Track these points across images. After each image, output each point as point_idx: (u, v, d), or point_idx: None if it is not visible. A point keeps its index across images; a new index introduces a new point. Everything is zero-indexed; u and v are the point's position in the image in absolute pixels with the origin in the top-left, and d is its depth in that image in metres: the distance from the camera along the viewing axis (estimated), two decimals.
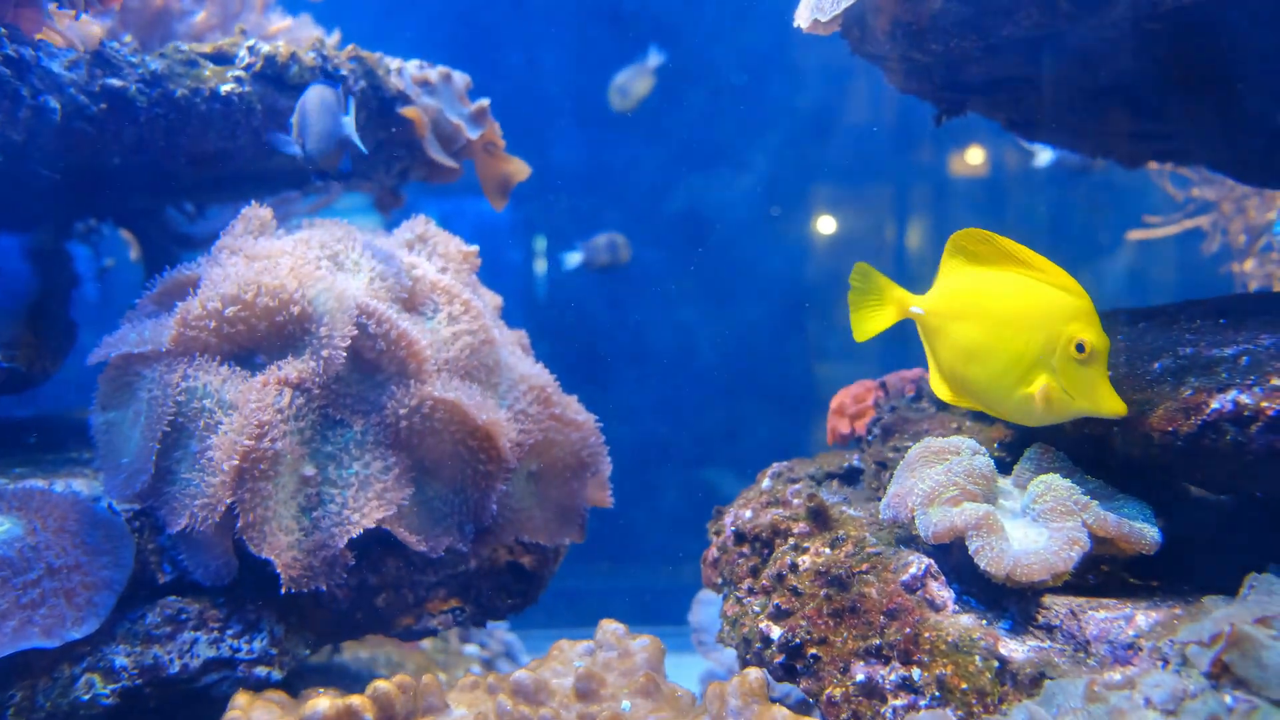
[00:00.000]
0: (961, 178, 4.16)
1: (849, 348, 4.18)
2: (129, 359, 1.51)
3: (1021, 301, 1.22)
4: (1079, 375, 1.17)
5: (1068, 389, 1.18)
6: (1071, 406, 1.19)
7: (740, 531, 1.50)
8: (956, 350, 1.31)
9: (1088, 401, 1.18)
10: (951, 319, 1.31)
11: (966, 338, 1.28)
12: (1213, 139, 1.68)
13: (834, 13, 1.41)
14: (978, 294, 1.28)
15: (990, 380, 1.26)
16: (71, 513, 1.43)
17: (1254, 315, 1.26)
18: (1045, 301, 1.20)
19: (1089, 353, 1.16)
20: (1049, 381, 1.19)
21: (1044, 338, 1.19)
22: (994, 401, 1.28)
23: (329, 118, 1.58)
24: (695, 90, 4.31)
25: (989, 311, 1.26)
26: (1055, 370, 1.19)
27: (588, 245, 3.87)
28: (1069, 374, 1.18)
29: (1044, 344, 1.19)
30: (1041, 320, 1.20)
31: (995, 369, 1.25)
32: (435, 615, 1.66)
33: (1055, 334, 1.19)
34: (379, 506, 1.47)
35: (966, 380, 1.30)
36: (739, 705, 1.15)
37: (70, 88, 1.59)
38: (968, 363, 1.29)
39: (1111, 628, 1.07)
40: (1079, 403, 1.18)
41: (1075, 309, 1.18)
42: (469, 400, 1.55)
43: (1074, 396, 1.18)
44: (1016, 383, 1.22)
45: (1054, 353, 1.19)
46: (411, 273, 1.66)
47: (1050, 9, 1.28)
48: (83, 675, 1.36)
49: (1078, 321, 1.18)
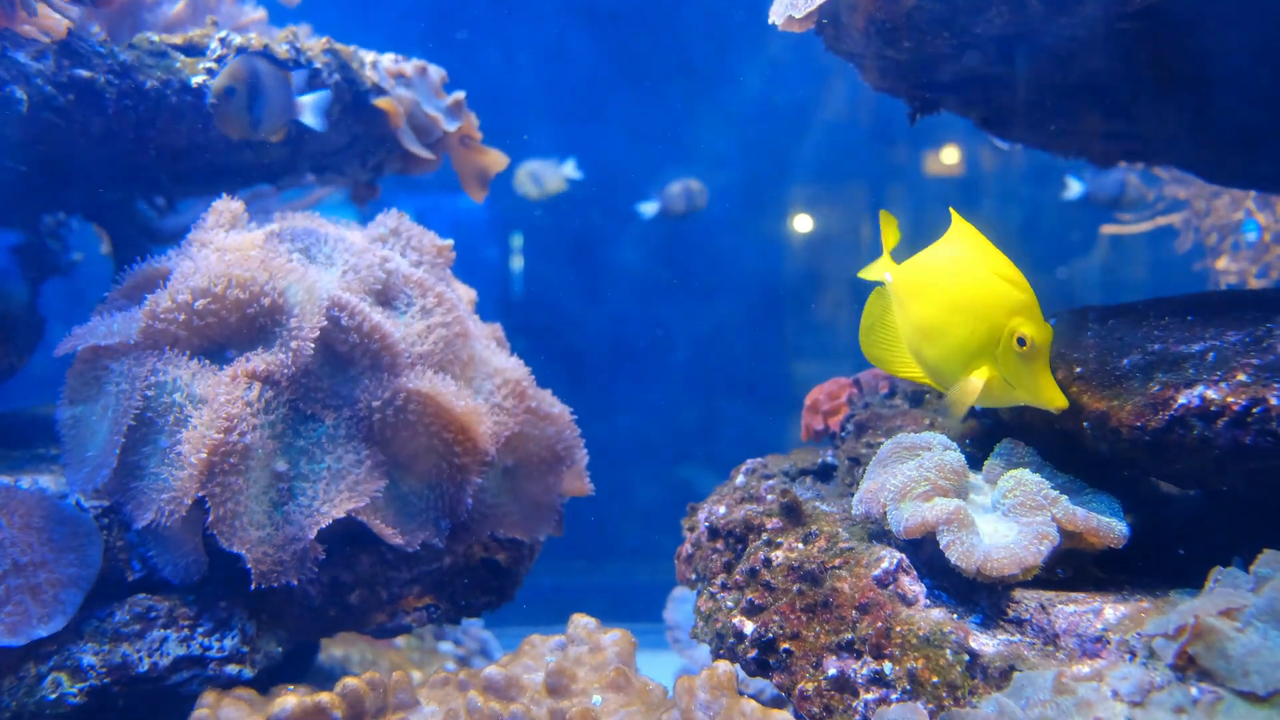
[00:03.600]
0: (937, 176, 4.19)
1: (824, 345, 4.21)
2: (97, 352, 1.49)
3: (969, 290, 1.25)
4: (1019, 367, 1.20)
5: (1009, 379, 1.21)
6: (1012, 395, 1.23)
7: (714, 527, 1.50)
8: (913, 325, 1.34)
9: (1027, 393, 1.21)
10: (912, 294, 1.34)
11: (922, 315, 1.32)
12: (1181, 138, 1.70)
13: (808, 9, 1.42)
14: (936, 274, 1.31)
15: (940, 360, 1.30)
16: (38, 509, 1.41)
17: (1221, 312, 1.27)
18: (989, 293, 1.23)
19: (1029, 346, 1.19)
20: (990, 370, 1.22)
21: (987, 328, 1.22)
22: (944, 379, 1.31)
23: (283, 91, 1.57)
24: (671, 87, 4.31)
25: (942, 293, 1.29)
26: (997, 360, 1.22)
27: (663, 193, 3.80)
28: (1010, 365, 1.21)
29: (987, 334, 1.22)
30: (985, 310, 1.23)
31: (944, 350, 1.28)
32: (409, 613, 1.65)
33: (997, 326, 1.21)
34: (350, 498, 1.46)
35: (920, 355, 1.34)
36: (708, 699, 1.15)
37: (37, 78, 1.57)
38: (922, 339, 1.32)
39: (1080, 621, 1.08)
40: (1019, 393, 1.22)
41: (1017, 303, 1.21)
42: (444, 391, 1.54)
43: (1014, 386, 1.21)
44: (962, 367, 1.26)
45: (997, 343, 1.21)
46: (385, 266, 1.65)
47: (1021, 8, 1.29)
48: (49, 674, 1.34)
49: (1019, 315, 1.20)
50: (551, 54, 4.23)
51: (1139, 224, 3.47)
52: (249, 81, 1.62)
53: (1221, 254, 3.24)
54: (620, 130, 4.23)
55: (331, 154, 2.19)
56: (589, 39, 4.22)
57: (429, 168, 2.24)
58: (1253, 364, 1.10)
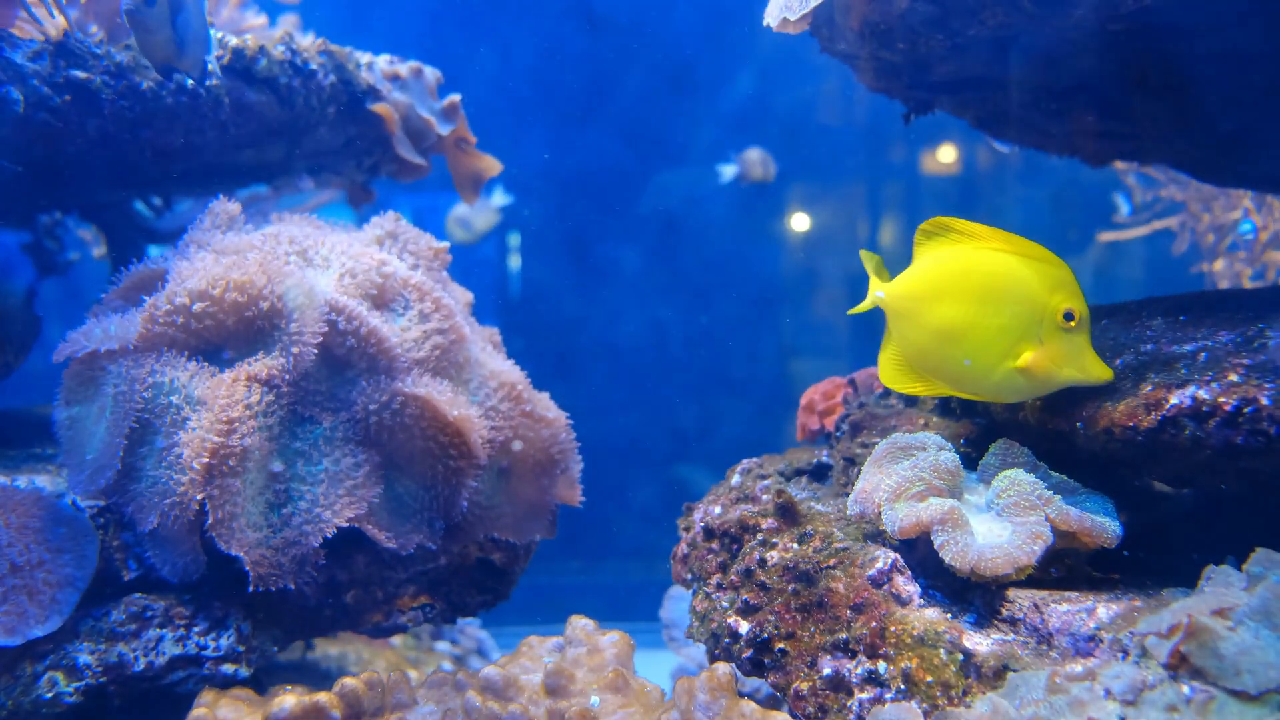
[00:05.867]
0: (933, 175, 4.20)
1: (820, 345, 4.21)
2: (95, 355, 1.49)
3: (1003, 277, 1.23)
4: (1067, 344, 1.19)
5: (1055, 359, 1.20)
6: (1059, 376, 1.21)
7: (709, 527, 1.51)
8: (929, 332, 1.30)
9: (1076, 369, 1.19)
10: (922, 302, 1.31)
11: (942, 318, 1.28)
12: (1173, 139, 1.71)
13: (803, 11, 1.42)
14: (953, 274, 1.28)
15: (972, 358, 1.26)
16: (34, 509, 1.41)
17: (1213, 312, 1.28)
18: (1028, 274, 1.22)
19: (1078, 320, 1.18)
20: (1035, 353, 1.21)
21: (1028, 309, 1.21)
22: (972, 381, 1.28)
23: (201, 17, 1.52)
24: (667, 87, 4.31)
25: (967, 289, 1.26)
26: (1041, 341, 1.20)
27: (741, 158, 3.79)
28: (1056, 344, 1.19)
29: (1028, 316, 1.21)
30: (1025, 292, 1.21)
31: (976, 346, 1.25)
32: (405, 612, 1.66)
33: (1041, 305, 1.20)
34: (350, 504, 1.47)
35: (942, 361, 1.30)
36: (707, 700, 1.16)
37: (33, 79, 1.57)
38: (944, 344, 1.29)
39: (1074, 620, 1.09)
40: (1066, 371, 1.20)
41: (1058, 279, 1.20)
42: (439, 396, 1.55)
43: (1061, 366, 1.20)
44: (1000, 358, 1.23)
45: (1040, 323, 1.20)
46: (381, 269, 1.65)
47: (1014, 9, 1.30)
48: (45, 673, 1.35)
49: (1062, 290, 1.20)
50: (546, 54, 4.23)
51: (1136, 228, 3.48)
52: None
53: (1219, 256, 3.25)
54: (615, 131, 4.23)
55: (327, 155, 2.19)
56: (584, 39, 4.23)
57: (421, 174, 2.24)
58: (1244, 364, 1.11)
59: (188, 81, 1.72)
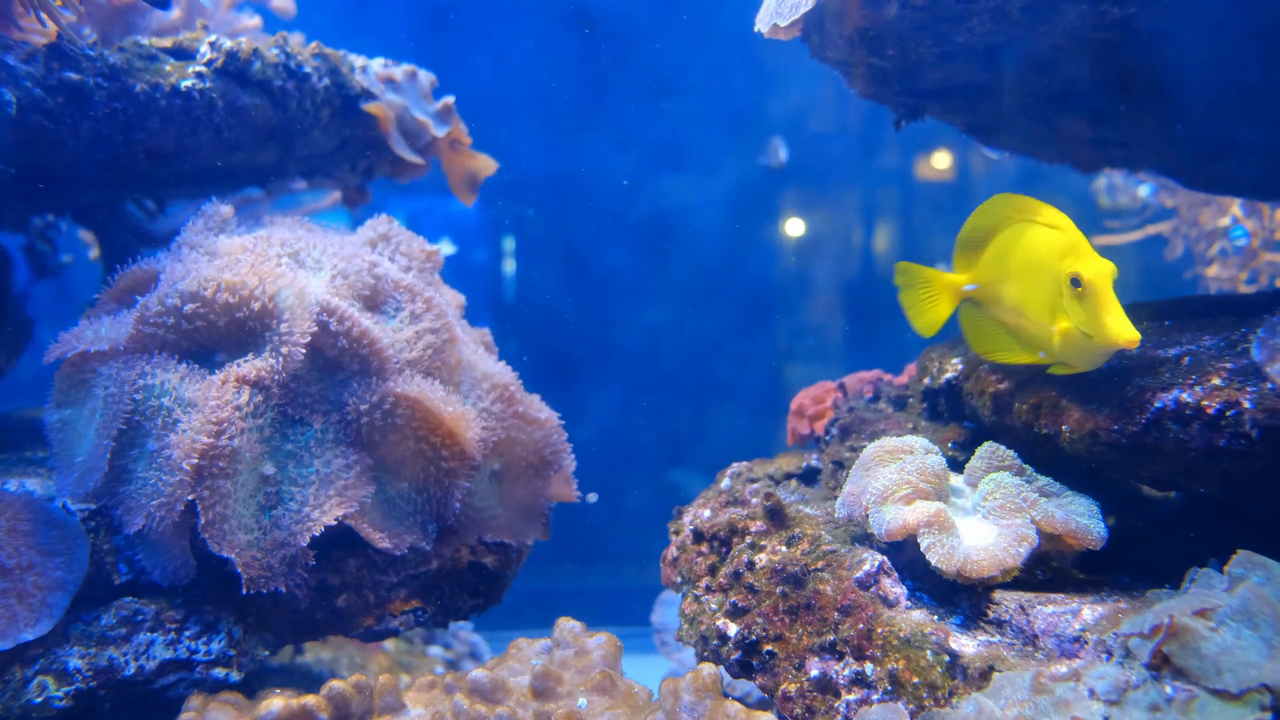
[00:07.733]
0: (928, 181, 4.21)
1: (812, 350, 4.22)
2: (85, 356, 1.50)
3: (1026, 252, 1.24)
4: (1084, 310, 1.17)
5: (1081, 326, 1.18)
6: (1081, 342, 1.18)
7: (699, 530, 1.51)
8: (1007, 312, 1.32)
9: (1096, 335, 1.16)
10: (992, 286, 1.33)
11: (1007, 297, 1.30)
12: (1161, 145, 1.72)
13: (792, 17, 1.43)
14: (1003, 255, 1.30)
15: (1033, 331, 1.27)
16: (25, 512, 1.41)
17: (1197, 317, 1.29)
18: (1039, 243, 1.21)
19: (1085, 285, 1.16)
20: (1065, 323, 1.20)
21: (1049, 280, 1.20)
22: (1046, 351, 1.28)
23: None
24: (662, 94, 4.32)
25: (1011, 269, 1.27)
26: (1066, 310, 1.19)
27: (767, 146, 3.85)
28: (1076, 311, 1.18)
29: (1051, 286, 1.20)
30: (1043, 265, 1.21)
31: (1030, 320, 1.26)
32: (397, 616, 1.65)
33: (1055, 275, 1.19)
34: (339, 504, 1.47)
35: (1020, 332, 1.31)
36: (692, 701, 1.16)
37: (26, 80, 1.57)
38: (1016, 318, 1.31)
39: (1059, 622, 1.09)
40: (1084, 335, 1.17)
41: (1063, 244, 1.19)
42: (432, 396, 1.55)
43: (1080, 329, 1.18)
44: (1048, 326, 1.23)
45: (1060, 293, 1.19)
46: (373, 271, 1.65)
47: (1002, 16, 1.31)
48: (35, 677, 1.34)
49: (1069, 256, 1.18)
50: (541, 59, 4.24)
51: (1129, 233, 3.49)
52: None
53: (1211, 261, 3.26)
54: (609, 136, 4.24)
55: (321, 157, 2.19)
56: (578, 44, 4.24)
57: (418, 173, 2.25)
58: (1227, 368, 1.11)
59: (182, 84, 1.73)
